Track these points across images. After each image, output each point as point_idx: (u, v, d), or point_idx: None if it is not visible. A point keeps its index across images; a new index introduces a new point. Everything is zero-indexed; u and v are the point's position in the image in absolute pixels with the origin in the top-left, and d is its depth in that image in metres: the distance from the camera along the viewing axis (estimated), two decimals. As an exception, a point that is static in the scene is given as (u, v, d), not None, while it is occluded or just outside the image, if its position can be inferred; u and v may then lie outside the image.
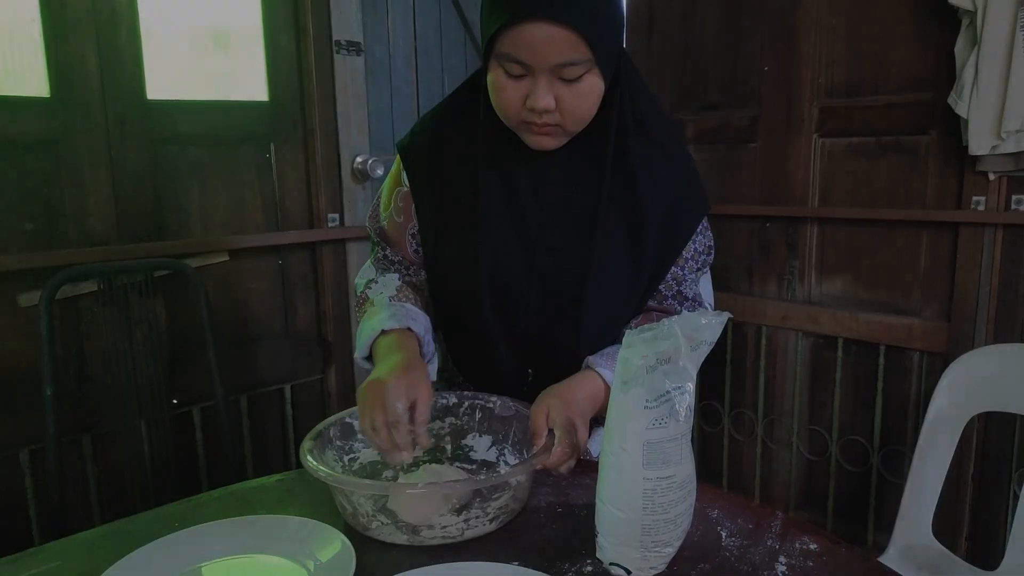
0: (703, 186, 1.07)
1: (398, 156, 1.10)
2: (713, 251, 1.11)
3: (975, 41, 1.79)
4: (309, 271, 2.04)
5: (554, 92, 0.88)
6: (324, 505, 0.91)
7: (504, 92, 0.90)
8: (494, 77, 0.90)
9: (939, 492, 1.55)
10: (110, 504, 1.75)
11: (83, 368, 1.69)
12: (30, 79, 1.56)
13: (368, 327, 0.99)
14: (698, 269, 1.09)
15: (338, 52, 1.94)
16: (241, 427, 1.94)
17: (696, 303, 1.09)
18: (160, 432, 1.74)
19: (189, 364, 1.83)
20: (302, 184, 1.99)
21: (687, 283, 1.08)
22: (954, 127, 1.87)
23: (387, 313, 1.00)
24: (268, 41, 1.89)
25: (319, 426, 0.97)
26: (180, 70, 1.80)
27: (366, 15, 1.99)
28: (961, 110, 1.81)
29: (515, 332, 1.04)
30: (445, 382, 1.22)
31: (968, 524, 1.98)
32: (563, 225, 1.00)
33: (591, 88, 0.89)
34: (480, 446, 1.04)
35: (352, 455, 1.00)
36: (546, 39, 0.84)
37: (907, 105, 2.00)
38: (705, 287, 1.12)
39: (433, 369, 1.05)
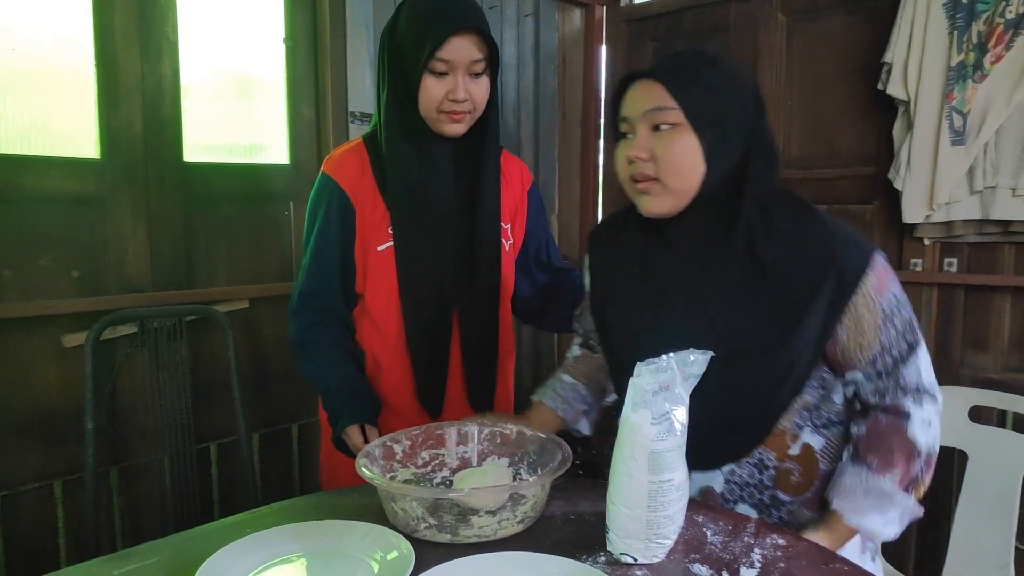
0: (841, 247, 1.03)
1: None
2: (914, 329, 1.06)
3: (910, 126, 2.08)
4: (318, 318, 2.22)
5: (649, 145, 1.03)
6: (371, 514, 1.08)
7: (617, 156, 1.10)
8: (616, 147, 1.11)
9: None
10: (133, 534, 1.87)
11: (114, 405, 1.83)
12: (84, 143, 1.75)
13: (546, 386, 1.37)
14: (904, 358, 1.05)
15: (352, 122, 2.16)
16: (253, 463, 2.08)
17: (920, 392, 1.05)
18: (183, 466, 1.88)
19: (209, 403, 1.97)
20: (315, 238, 2.18)
21: (901, 375, 1.05)
22: (894, 198, 2.15)
23: (552, 387, 1.36)
24: (291, 112, 2.11)
25: (367, 447, 1.14)
26: (213, 135, 2.00)
27: (378, 89, 2.22)
28: (899, 184, 2.10)
29: None
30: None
31: (915, 550, 2.19)
32: (698, 304, 1.10)
33: (681, 141, 1.02)
34: (500, 465, 1.22)
35: (392, 473, 1.17)
36: (639, 91, 1.05)
37: (853, 178, 2.28)
38: (913, 366, 1.05)
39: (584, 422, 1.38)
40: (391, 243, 1.36)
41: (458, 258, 1.39)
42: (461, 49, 1.26)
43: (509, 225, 1.46)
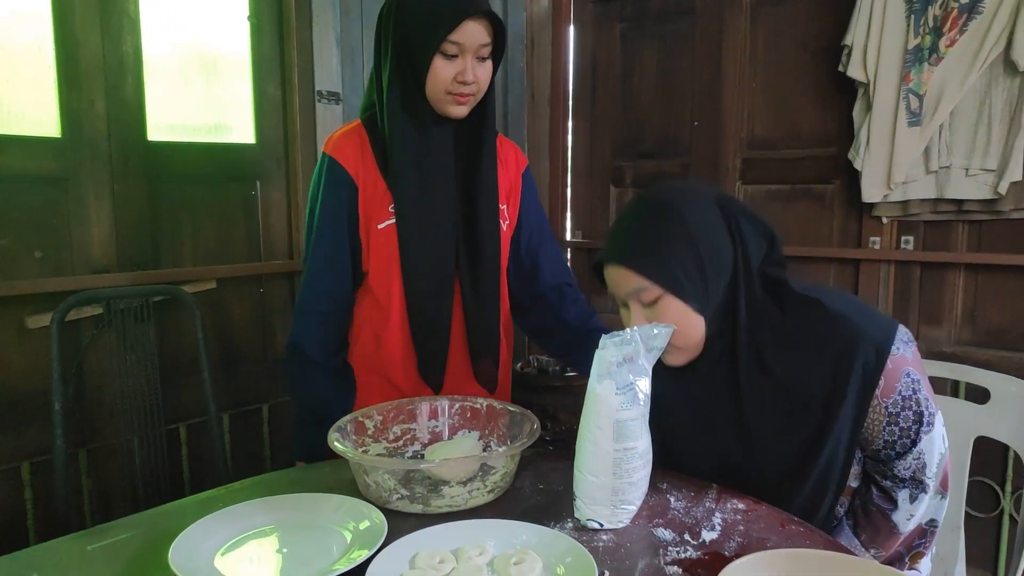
0: (863, 344, 1.03)
1: None
2: (928, 424, 1.07)
3: (869, 107, 2.13)
4: (287, 298, 2.21)
5: (645, 318, 1.08)
6: (344, 487, 1.10)
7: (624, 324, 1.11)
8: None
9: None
10: (103, 516, 1.86)
11: (81, 387, 1.81)
12: (45, 121, 1.72)
13: None
14: (902, 453, 1.08)
15: (319, 101, 2.15)
16: (224, 443, 2.08)
17: (915, 482, 1.09)
18: (152, 448, 1.87)
19: (178, 384, 1.96)
20: (283, 218, 2.17)
21: (895, 466, 1.09)
22: (854, 178, 2.20)
23: None
24: (257, 90, 2.09)
25: (339, 422, 1.16)
26: (177, 114, 1.98)
27: (344, 68, 2.21)
28: (858, 164, 2.15)
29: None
30: None
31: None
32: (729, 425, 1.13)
33: (670, 309, 1.06)
34: (471, 439, 1.24)
35: (364, 448, 1.19)
36: (612, 276, 1.10)
37: (815, 159, 2.33)
38: (910, 458, 1.08)
39: None
40: (392, 220, 1.38)
41: (459, 234, 1.42)
42: (473, 33, 1.27)
43: (505, 206, 1.49)
